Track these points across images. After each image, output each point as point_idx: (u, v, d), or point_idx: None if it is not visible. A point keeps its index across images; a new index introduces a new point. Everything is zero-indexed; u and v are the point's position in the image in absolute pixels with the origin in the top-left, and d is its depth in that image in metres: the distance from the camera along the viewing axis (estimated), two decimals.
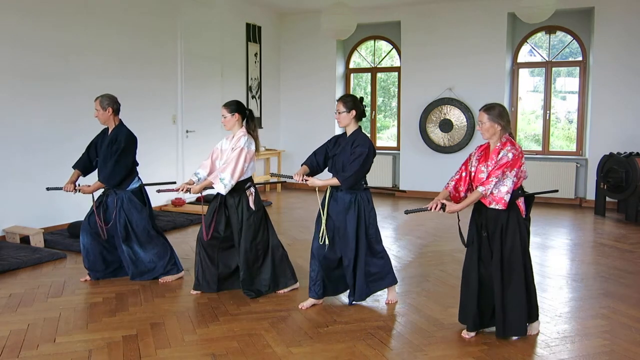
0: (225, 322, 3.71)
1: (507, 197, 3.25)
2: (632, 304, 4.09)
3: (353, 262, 3.88)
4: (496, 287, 3.36)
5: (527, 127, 9.52)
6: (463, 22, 8.92)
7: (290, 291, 4.35)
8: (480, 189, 3.27)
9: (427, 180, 9.26)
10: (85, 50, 6.48)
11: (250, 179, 4.25)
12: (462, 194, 3.48)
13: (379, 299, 4.18)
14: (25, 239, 5.70)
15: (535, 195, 3.53)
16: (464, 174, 3.49)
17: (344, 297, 4.19)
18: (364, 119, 4.05)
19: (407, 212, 3.48)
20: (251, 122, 4.29)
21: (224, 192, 4.05)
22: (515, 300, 3.34)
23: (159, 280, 4.63)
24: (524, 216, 3.40)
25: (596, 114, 8.27)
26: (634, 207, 7.13)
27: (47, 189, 4.72)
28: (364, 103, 3.95)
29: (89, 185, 4.59)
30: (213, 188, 4.09)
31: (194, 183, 4.21)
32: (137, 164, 4.65)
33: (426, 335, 3.51)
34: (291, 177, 3.92)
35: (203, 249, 4.26)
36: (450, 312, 3.90)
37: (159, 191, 4.41)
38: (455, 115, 9.00)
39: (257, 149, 4.23)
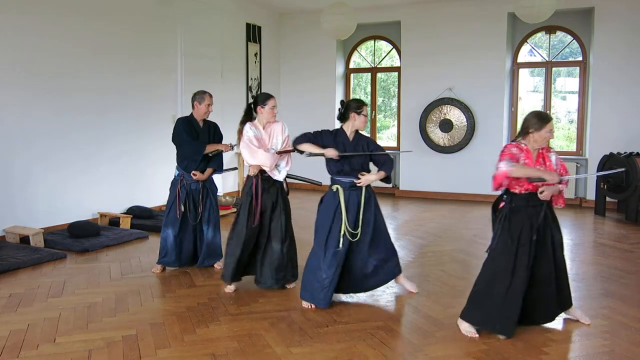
0: (225, 322, 3.71)
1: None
2: (632, 304, 4.09)
3: (391, 251, 4.15)
4: (549, 284, 3.53)
5: None
6: (463, 22, 8.92)
7: (290, 290, 4.36)
8: (560, 185, 3.49)
9: (427, 180, 9.27)
10: (85, 50, 6.48)
11: None
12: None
13: (379, 299, 4.19)
14: (25, 239, 5.70)
15: None
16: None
17: (343, 297, 4.21)
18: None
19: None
20: None
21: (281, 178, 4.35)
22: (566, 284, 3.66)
23: (215, 266, 4.99)
24: None
25: (596, 114, 8.27)
26: (634, 207, 7.13)
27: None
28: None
29: (202, 173, 4.84)
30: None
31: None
32: None
33: (426, 335, 3.51)
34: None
35: (245, 247, 4.27)
36: (450, 312, 3.90)
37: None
38: (455, 115, 8.99)
39: None
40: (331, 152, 3.94)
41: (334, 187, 4.04)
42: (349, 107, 4.05)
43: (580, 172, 8.45)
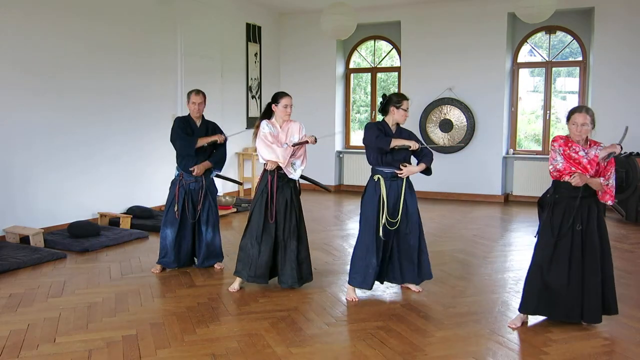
0: (225, 322, 3.71)
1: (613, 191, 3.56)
2: (632, 304, 4.09)
3: (418, 242, 4.22)
4: (593, 276, 3.50)
5: (527, 127, 9.52)
6: (463, 22, 8.92)
7: (290, 290, 4.36)
8: (601, 179, 3.52)
9: (427, 180, 9.21)
10: (85, 50, 6.48)
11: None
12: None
13: (379, 299, 4.19)
14: (25, 239, 5.70)
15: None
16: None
17: (342, 296, 4.21)
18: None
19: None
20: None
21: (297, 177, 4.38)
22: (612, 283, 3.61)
23: (215, 266, 4.99)
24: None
25: (596, 114, 8.22)
26: (634, 207, 7.13)
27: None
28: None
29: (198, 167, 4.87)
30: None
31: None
32: None
33: (426, 335, 3.51)
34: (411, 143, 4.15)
35: (258, 244, 4.27)
36: (450, 312, 3.91)
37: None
38: (455, 115, 8.99)
39: None
40: (413, 144, 4.09)
41: (375, 177, 4.16)
42: (390, 102, 4.22)
43: None
